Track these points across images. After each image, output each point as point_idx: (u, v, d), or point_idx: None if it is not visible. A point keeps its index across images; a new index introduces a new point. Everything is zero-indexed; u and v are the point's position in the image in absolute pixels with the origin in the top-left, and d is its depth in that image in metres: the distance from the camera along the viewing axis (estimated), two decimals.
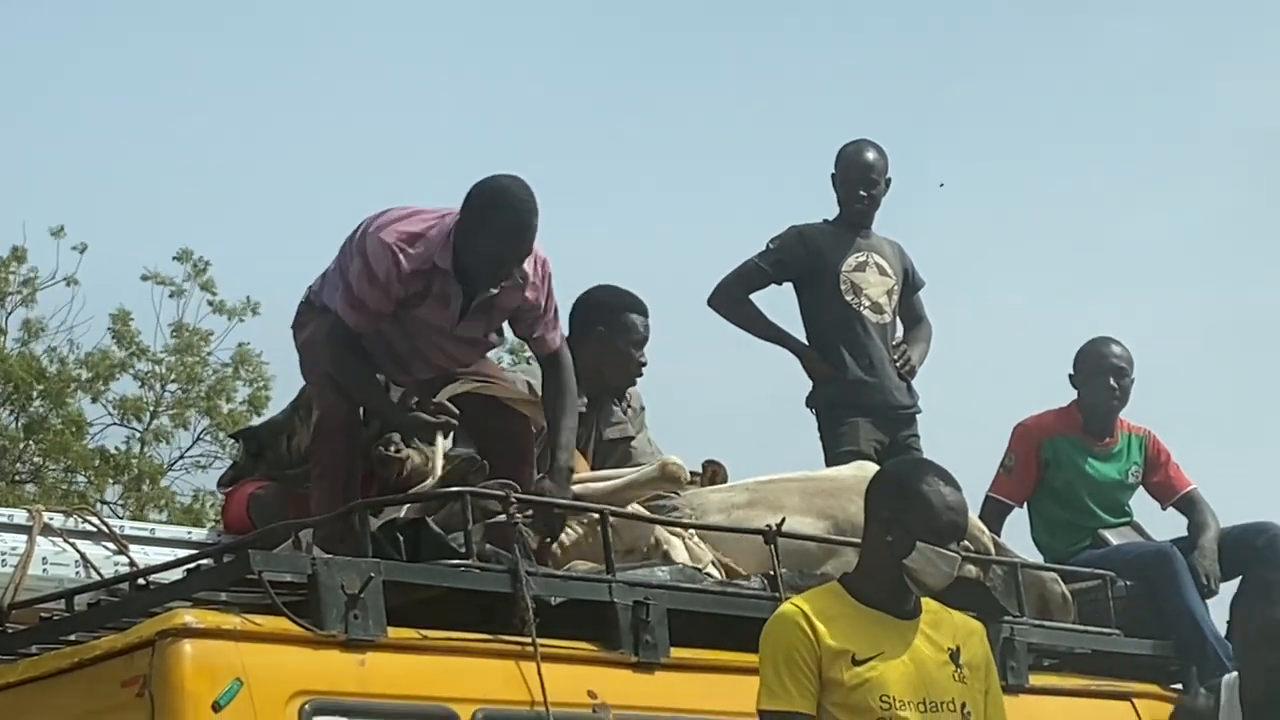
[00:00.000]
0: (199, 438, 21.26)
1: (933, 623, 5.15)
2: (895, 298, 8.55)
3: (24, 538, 6.49)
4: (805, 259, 8.48)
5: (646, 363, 7.38)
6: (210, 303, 21.31)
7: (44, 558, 6.50)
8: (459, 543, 5.70)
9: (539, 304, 6.55)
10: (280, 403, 8.19)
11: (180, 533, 7.46)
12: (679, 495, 6.80)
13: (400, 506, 6.11)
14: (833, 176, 8.64)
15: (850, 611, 5.09)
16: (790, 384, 8.51)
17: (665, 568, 6.19)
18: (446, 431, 6.50)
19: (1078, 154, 26.09)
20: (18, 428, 20.45)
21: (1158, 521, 8.43)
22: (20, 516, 6.60)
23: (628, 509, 6.38)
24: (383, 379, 6.61)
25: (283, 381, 19.25)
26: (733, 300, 8.51)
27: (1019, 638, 6.83)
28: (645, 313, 7.37)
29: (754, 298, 8.54)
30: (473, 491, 5.83)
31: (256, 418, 19.65)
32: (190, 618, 5.10)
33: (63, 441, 20.09)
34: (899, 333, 8.63)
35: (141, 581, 5.90)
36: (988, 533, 7.34)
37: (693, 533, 6.53)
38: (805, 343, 8.50)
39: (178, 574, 5.81)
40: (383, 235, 6.31)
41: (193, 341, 21.23)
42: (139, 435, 20.93)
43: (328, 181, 27.15)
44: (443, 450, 6.45)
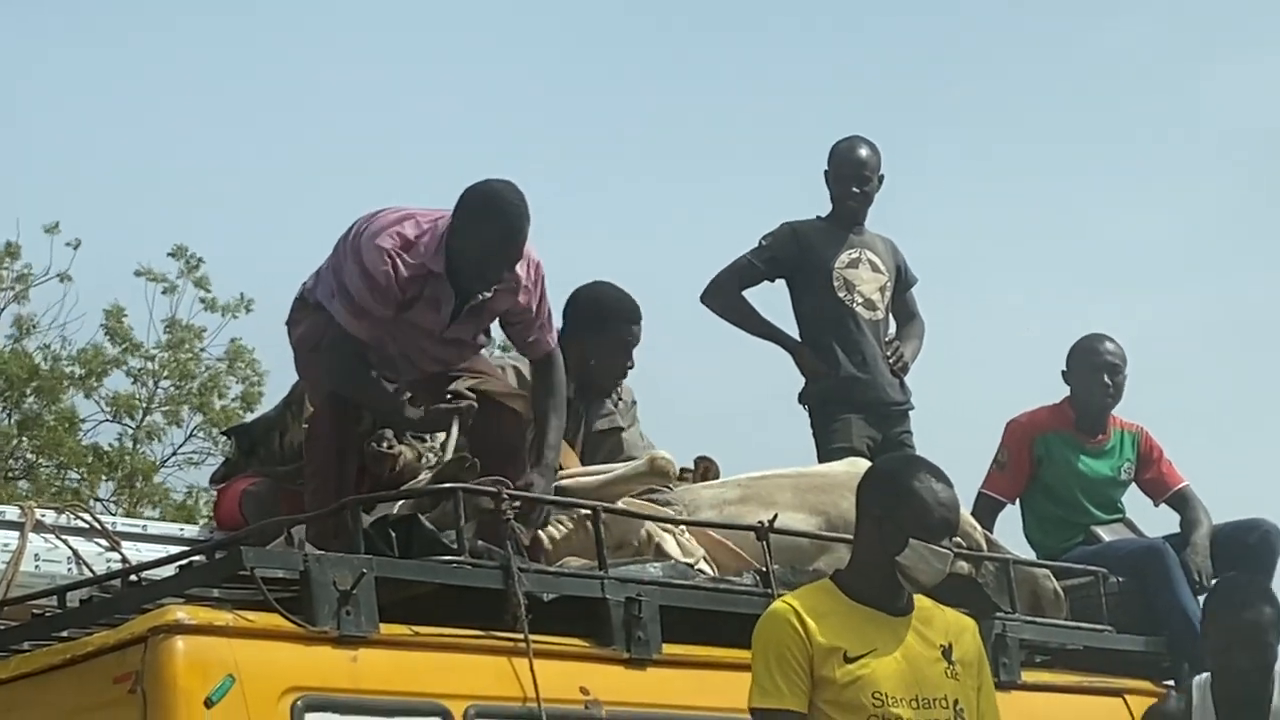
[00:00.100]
0: (192, 434, 21.27)
1: (925, 619, 5.15)
2: (888, 294, 8.56)
3: (16, 534, 6.50)
4: (798, 255, 8.48)
5: (633, 365, 7.39)
6: (202, 300, 21.31)
7: (36, 554, 6.51)
8: (451, 539, 5.70)
9: (531, 308, 6.57)
10: (273, 399, 8.20)
11: (173, 529, 7.47)
12: (671, 491, 6.81)
13: (393, 503, 6.11)
14: (825, 173, 8.64)
15: (842, 609, 5.09)
16: (784, 381, 8.53)
17: (657, 564, 6.19)
18: (466, 418, 6.48)
19: (1073, 153, 26.14)
20: (11, 424, 20.45)
21: (1150, 518, 8.45)
22: (12, 513, 6.60)
23: (619, 504, 6.38)
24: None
25: (276, 377, 19.27)
26: (726, 297, 8.51)
27: (1011, 634, 6.83)
28: (638, 319, 7.35)
29: (747, 294, 8.54)
30: (465, 488, 5.83)
31: (249, 414, 19.66)
32: (182, 614, 5.10)
33: (56, 438, 20.09)
34: (892, 329, 8.64)
35: (134, 578, 5.89)
36: (980, 529, 7.35)
37: (683, 528, 6.53)
38: (798, 339, 8.51)
39: (170, 570, 5.81)
40: (379, 241, 6.31)
41: (186, 337, 21.22)
42: (131, 432, 20.93)
43: (323, 179, 27.18)
44: (455, 437, 6.43)
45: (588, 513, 6.14)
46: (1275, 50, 26.33)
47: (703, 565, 6.42)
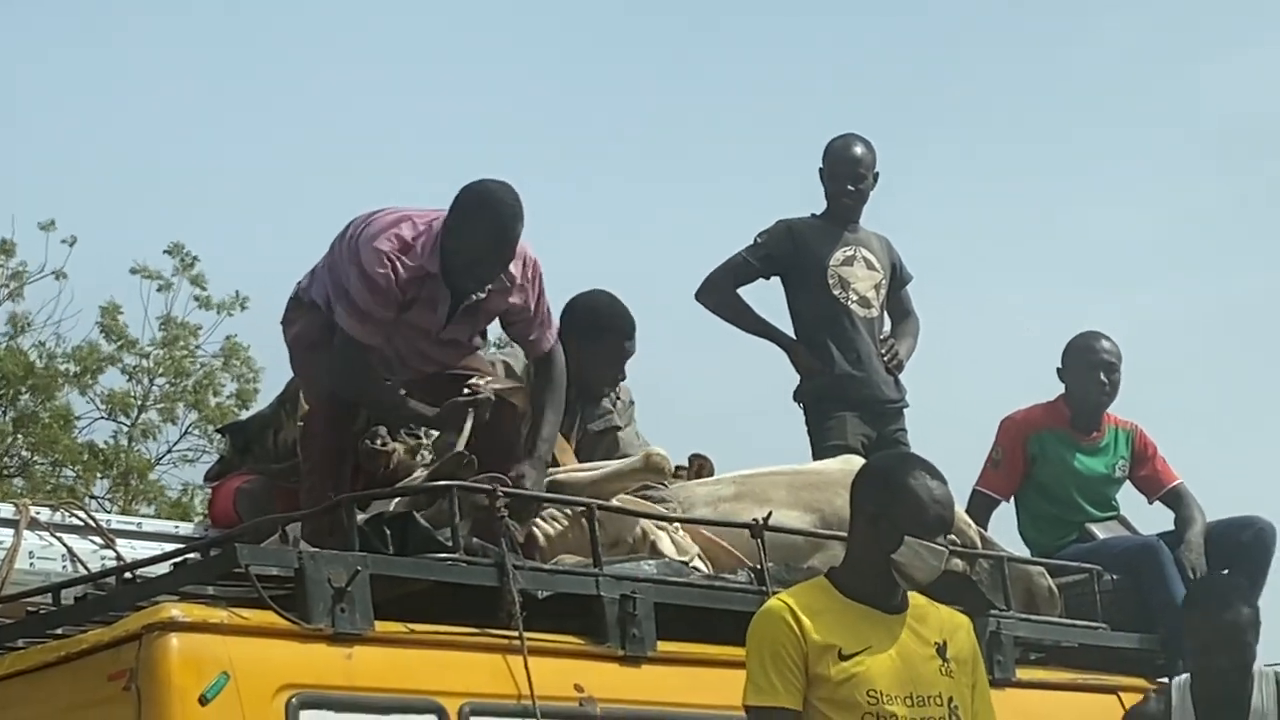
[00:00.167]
0: (187, 431, 21.26)
1: (919, 617, 5.14)
2: (883, 292, 8.56)
3: (11, 532, 6.50)
4: (793, 253, 8.48)
5: (624, 377, 7.40)
6: (197, 298, 21.30)
7: (31, 552, 6.51)
8: (446, 536, 5.70)
9: (528, 307, 6.58)
10: (268, 396, 8.20)
11: (167, 527, 7.47)
12: (666, 488, 6.81)
13: (389, 500, 6.11)
14: (820, 171, 8.64)
15: (837, 606, 5.08)
16: (779, 379, 8.53)
17: (652, 561, 6.19)
18: (484, 411, 6.47)
19: (1067, 152, 26.15)
20: (6, 421, 20.44)
21: (1144, 515, 8.46)
22: (7, 510, 6.61)
23: (613, 501, 6.38)
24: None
25: (271, 374, 19.27)
26: (721, 294, 8.51)
27: (1005, 631, 6.84)
28: (632, 332, 7.37)
29: (742, 292, 8.54)
30: (459, 485, 5.83)
31: (244, 411, 19.65)
32: (177, 611, 5.10)
33: (51, 435, 20.08)
34: (886, 327, 8.64)
35: (128, 575, 5.89)
36: (974, 527, 7.35)
37: (677, 525, 6.53)
38: (793, 337, 8.51)
39: (165, 568, 5.81)
40: (377, 244, 6.32)
41: (181, 334, 21.21)
42: (126, 430, 20.92)
43: (318, 177, 27.17)
44: (467, 432, 6.41)
45: (582, 509, 6.14)
46: (1266, 43, 26.35)
47: (697, 563, 6.43)
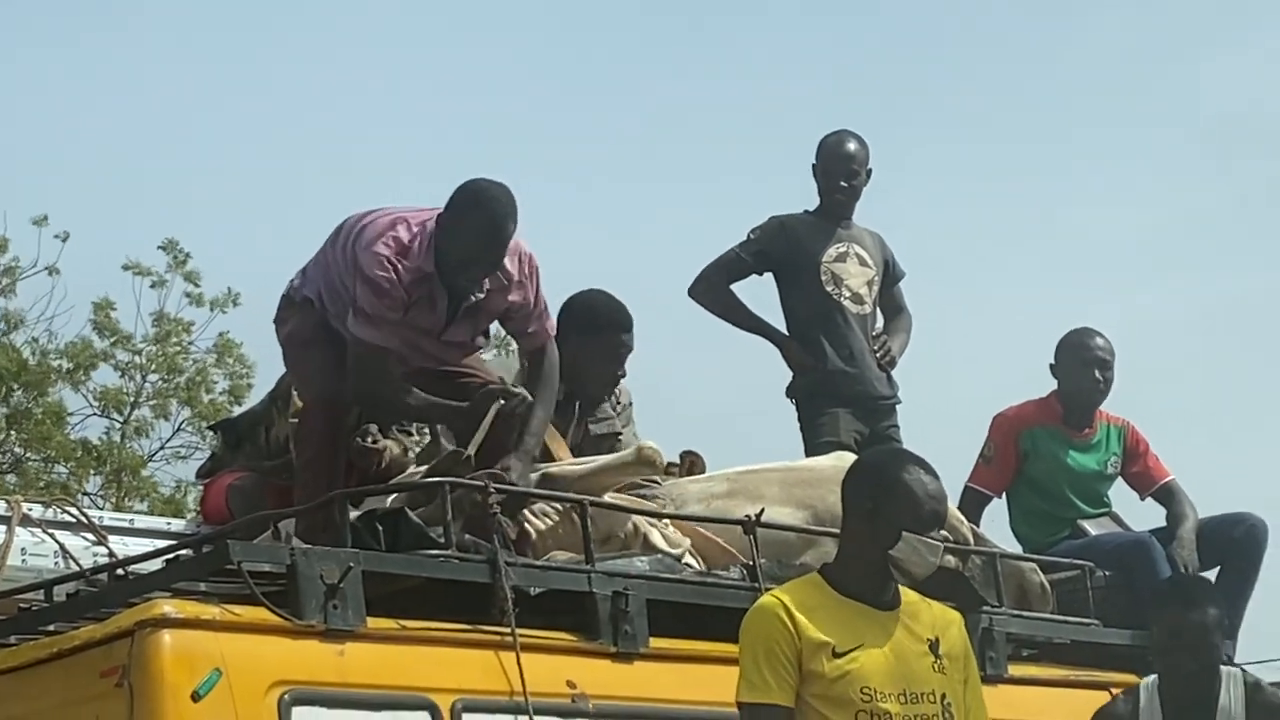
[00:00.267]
0: (179, 428, 21.24)
1: (911, 613, 5.14)
2: (876, 288, 8.56)
3: (3, 528, 6.49)
4: (786, 249, 8.48)
5: (624, 374, 7.39)
6: (189, 294, 21.28)
7: (23, 548, 6.50)
8: (439, 533, 5.70)
9: (527, 302, 6.61)
10: (261, 392, 8.21)
11: (159, 523, 7.47)
12: (659, 484, 6.81)
13: (382, 497, 6.11)
14: (814, 167, 8.64)
15: (831, 603, 5.07)
16: (778, 379, 8.53)
17: (644, 558, 6.19)
18: (517, 402, 6.45)
19: (1061, 150, 26.16)
20: None
21: (1136, 512, 8.46)
22: None
23: (605, 496, 6.37)
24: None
25: (263, 370, 19.26)
26: (713, 290, 8.51)
27: (998, 628, 6.84)
28: (629, 327, 7.36)
29: (735, 288, 8.54)
30: (452, 482, 5.83)
31: (237, 408, 19.64)
32: (169, 608, 5.10)
33: (44, 432, 20.06)
34: (879, 323, 8.64)
35: (120, 572, 5.89)
36: (967, 523, 7.35)
37: (668, 520, 6.53)
38: (785, 333, 8.51)
39: (157, 564, 5.81)
40: (376, 249, 6.35)
41: (173, 330, 21.18)
42: (119, 427, 20.90)
43: (313, 174, 27.16)
44: (486, 428, 6.37)
45: (573, 504, 6.14)
46: (1261, 39, 26.37)
47: (688, 558, 6.43)
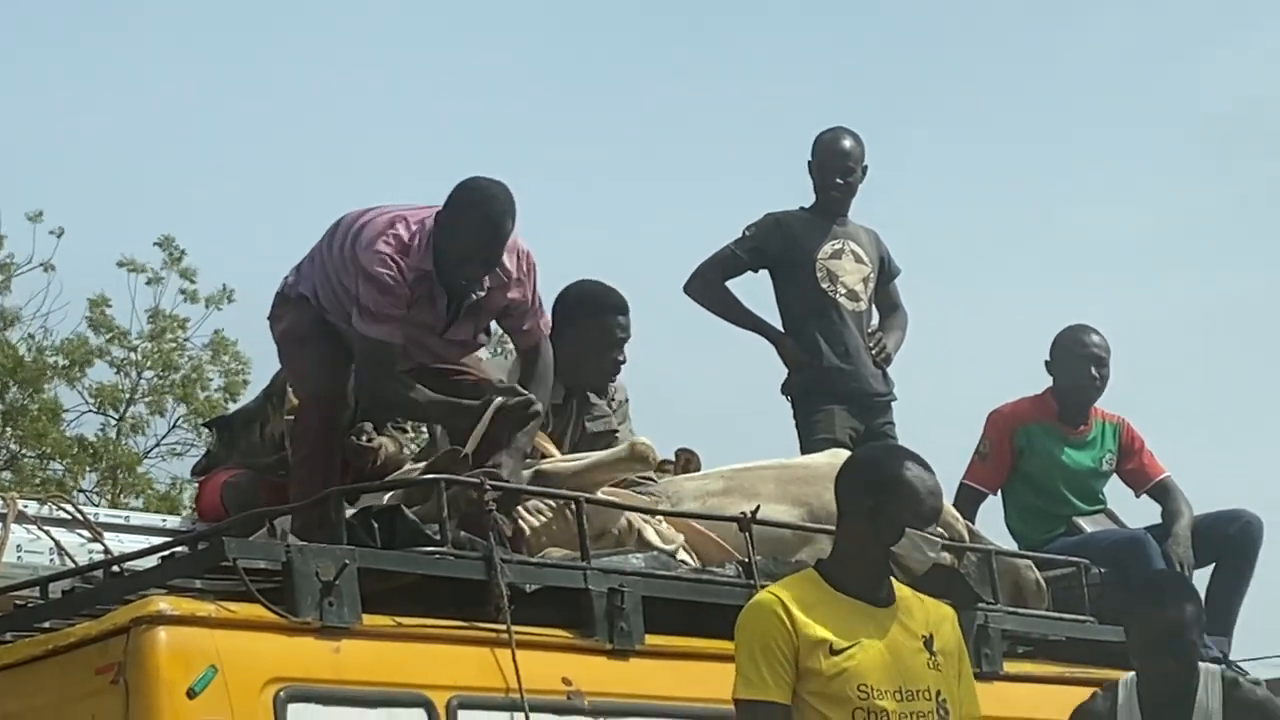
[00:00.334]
0: (175, 425, 21.24)
1: (906, 610, 5.13)
2: (871, 285, 8.56)
3: None
4: (781, 246, 8.48)
5: (625, 360, 7.37)
6: (183, 291, 21.28)
7: (19, 545, 6.50)
8: (434, 530, 5.70)
9: (525, 300, 6.65)
10: (257, 389, 8.20)
11: (155, 520, 7.47)
12: (655, 481, 6.81)
13: (379, 494, 6.11)
14: (809, 164, 8.64)
15: (827, 600, 5.05)
16: (777, 378, 8.52)
17: (640, 555, 6.19)
18: (510, 398, 6.44)
19: (1057, 149, 26.19)
20: None
21: (1131, 509, 8.46)
22: None
23: (599, 493, 6.37)
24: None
25: (259, 367, 19.25)
26: (709, 287, 8.50)
27: (993, 625, 6.84)
28: (625, 311, 7.34)
29: (730, 285, 8.54)
30: (447, 479, 5.83)
31: (233, 405, 19.63)
32: (165, 605, 5.10)
33: (39, 428, 20.05)
34: (875, 320, 8.64)
35: (116, 569, 5.89)
36: (962, 520, 7.35)
37: (660, 517, 6.52)
38: (781, 330, 8.51)
39: (152, 561, 5.81)
40: (377, 247, 6.36)
41: (169, 326, 21.17)
42: (115, 423, 20.89)
43: (311, 172, 27.17)
44: (486, 424, 6.37)
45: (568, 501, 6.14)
46: (1262, 39, 26.41)
47: (683, 554, 6.42)
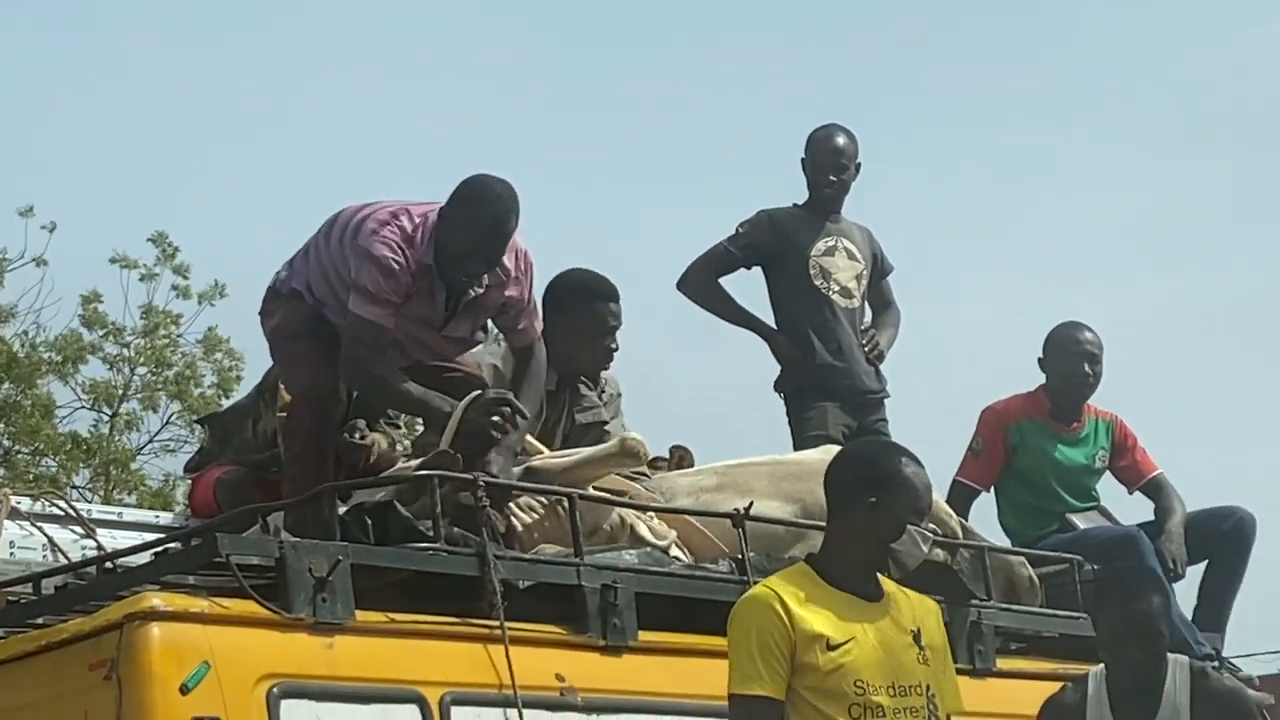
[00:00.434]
0: (168, 421, 21.24)
1: (894, 605, 5.13)
2: (864, 283, 8.56)
3: None
4: (774, 243, 8.48)
5: (617, 348, 7.36)
6: (175, 287, 21.27)
7: (11, 541, 6.51)
8: (427, 527, 5.70)
9: (523, 298, 6.67)
10: (250, 385, 8.21)
11: (148, 516, 7.48)
12: (649, 477, 6.81)
13: (372, 490, 6.11)
14: (803, 161, 8.64)
15: (821, 594, 5.04)
16: (764, 372, 8.54)
17: (633, 551, 6.19)
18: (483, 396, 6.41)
19: (1053, 148, 26.23)
20: None
21: (1124, 506, 8.47)
22: None
23: (590, 489, 6.37)
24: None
25: (253, 361, 19.27)
26: (702, 284, 8.51)
27: (986, 621, 6.85)
28: (616, 298, 7.34)
29: (723, 282, 8.54)
30: (441, 475, 5.83)
31: (226, 401, 19.64)
32: (158, 601, 5.10)
33: (33, 425, 20.05)
34: (868, 318, 8.64)
35: (109, 565, 5.89)
36: (955, 517, 7.36)
37: (652, 514, 6.52)
38: (774, 327, 8.51)
39: (146, 557, 5.81)
40: (383, 234, 6.37)
41: (161, 322, 21.17)
42: (108, 419, 20.88)
43: (309, 170, 27.17)
44: (457, 421, 6.35)
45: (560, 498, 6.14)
46: (1245, 31, 26.45)
47: (676, 551, 6.42)
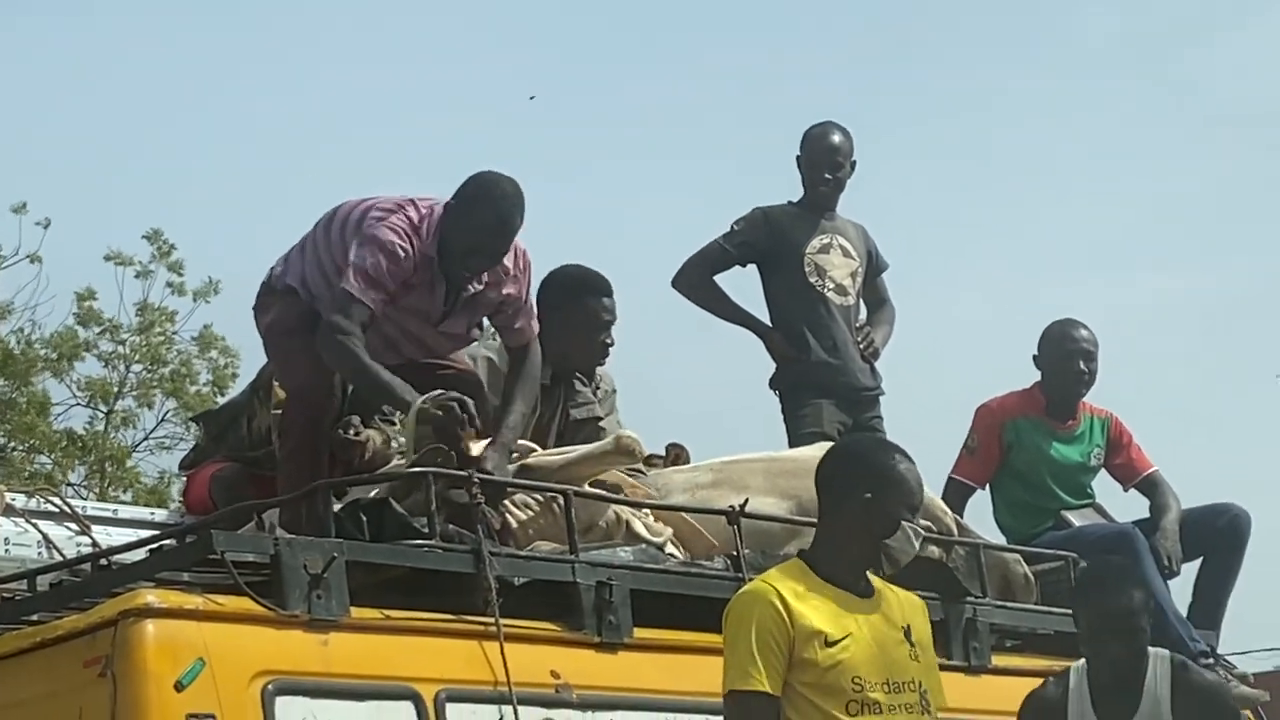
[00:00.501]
0: (164, 418, 21.23)
1: (885, 601, 5.14)
2: (859, 280, 8.57)
3: None
4: (769, 240, 8.49)
5: (613, 343, 7.36)
6: (170, 284, 21.26)
7: (6, 538, 6.51)
8: (422, 523, 5.70)
9: (521, 297, 6.68)
10: (246, 382, 8.22)
11: (143, 513, 7.47)
12: (644, 474, 6.81)
13: (366, 487, 6.11)
14: (798, 158, 8.65)
15: (818, 590, 5.04)
16: (760, 370, 8.54)
17: (628, 548, 6.19)
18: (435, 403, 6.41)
19: (1051, 147, 26.24)
20: None
21: (1119, 503, 8.48)
22: None
23: (586, 486, 6.37)
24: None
25: (248, 358, 19.25)
26: (696, 281, 8.51)
27: (981, 618, 6.85)
28: (610, 294, 7.34)
29: (718, 279, 8.55)
30: (435, 472, 5.83)
31: (221, 398, 19.63)
32: (153, 598, 5.09)
33: (28, 422, 20.04)
34: (863, 315, 8.65)
35: (104, 562, 5.88)
36: (950, 514, 7.36)
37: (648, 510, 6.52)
38: (769, 324, 8.51)
39: (140, 554, 5.80)
40: (390, 222, 6.38)
41: (156, 319, 21.16)
42: (103, 416, 20.87)
43: (308, 170, 27.17)
44: (412, 419, 6.34)
45: (556, 495, 6.14)
46: (1245, 31, 26.46)
47: (670, 548, 6.42)
